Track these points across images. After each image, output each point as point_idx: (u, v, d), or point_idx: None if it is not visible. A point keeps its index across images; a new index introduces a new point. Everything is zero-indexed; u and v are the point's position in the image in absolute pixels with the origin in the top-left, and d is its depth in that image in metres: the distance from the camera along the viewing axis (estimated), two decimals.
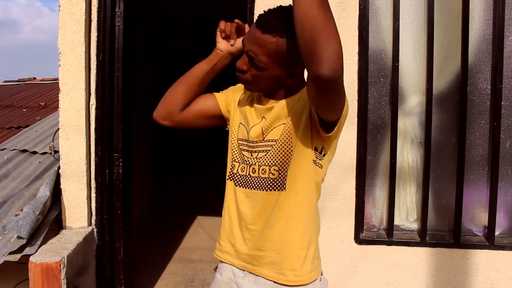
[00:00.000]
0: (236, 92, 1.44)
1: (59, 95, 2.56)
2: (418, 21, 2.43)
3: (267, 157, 1.23)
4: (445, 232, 2.48)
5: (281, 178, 1.22)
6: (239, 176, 1.32)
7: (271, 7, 1.08)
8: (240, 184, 1.31)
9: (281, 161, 1.21)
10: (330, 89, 0.98)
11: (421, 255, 2.43)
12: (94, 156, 2.64)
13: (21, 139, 3.74)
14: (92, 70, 2.60)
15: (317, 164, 1.22)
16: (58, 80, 2.59)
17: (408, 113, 2.47)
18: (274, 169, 1.22)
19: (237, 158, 1.33)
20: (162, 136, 6.95)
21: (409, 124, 2.48)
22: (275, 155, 1.22)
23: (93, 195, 2.65)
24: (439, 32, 2.40)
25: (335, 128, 1.14)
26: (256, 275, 1.27)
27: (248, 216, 1.28)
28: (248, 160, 1.28)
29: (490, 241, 2.40)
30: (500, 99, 2.36)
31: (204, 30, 5.91)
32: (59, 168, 2.63)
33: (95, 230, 2.67)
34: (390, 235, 2.45)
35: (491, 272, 2.39)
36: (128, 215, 3.01)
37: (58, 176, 2.64)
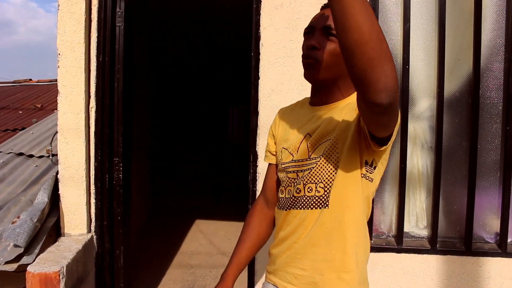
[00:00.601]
0: (273, 127, 1.41)
1: (57, 98, 2.48)
2: (429, 23, 2.38)
3: (311, 175, 1.17)
4: (456, 239, 2.42)
5: (326, 195, 1.15)
6: (284, 200, 1.26)
7: (278, 7, 1.01)
8: (283, 207, 1.26)
9: (326, 178, 1.15)
10: (386, 113, 0.90)
11: (432, 263, 2.36)
12: (93, 160, 2.56)
13: (17, 142, 3.65)
14: (92, 72, 2.53)
15: (367, 178, 1.15)
16: (54, 81, 2.52)
17: (419, 117, 2.41)
18: (320, 187, 1.16)
19: (284, 183, 1.27)
20: (160, 140, 6.88)
21: (419, 128, 2.41)
22: (320, 172, 1.16)
23: (93, 200, 2.57)
24: (450, 34, 2.34)
25: (388, 144, 1.06)
26: None
27: (290, 236, 1.22)
28: (295, 181, 1.22)
29: (502, 249, 2.34)
30: None
31: (204, 31, 5.85)
32: (57, 173, 2.55)
33: (94, 237, 2.59)
34: (399, 242, 2.38)
35: (504, 280, 2.33)
36: (128, 221, 2.93)
37: (56, 181, 2.55)
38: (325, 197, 1.15)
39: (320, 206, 1.16)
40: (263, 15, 2.32)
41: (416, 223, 2.45)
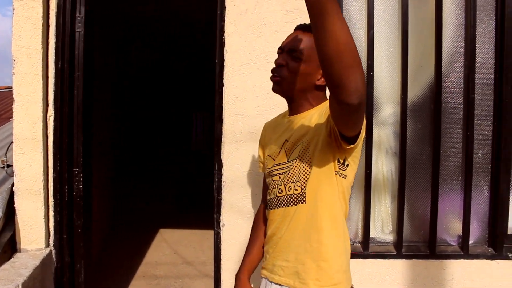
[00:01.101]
0: (261, 140, 1.59)
1: (13, 106, 2.36)
2: (392, 30, 2.41)
3: (290, 175, 1.32)
4: (420, 243, 2.45)
5: (303, 192, 1.29)
6: (270, 201, 1.41)
7: (243, 13, 1.06)
8: (270, 207, 1.41)
9: (302, 176, 1.29)
10: (356, 112, 1.03)
11: (398, 267, 2.38)
12: (52, 171, 2.45)
13: None
14: (50, 79, 2.42)
15: (340, 174, 1.27)
16: (11, 88, 2.39)
17: (383, 123, 2.44)
18: (297, 185, 1.30)
19: (271, 186, 1.41)
20: (123, 147, 6.73)
21: (384, 134, 2.44)
22: (296, 172, 1.30)
23: (51, 213, 2.46)
24: (413, 41, 2.38)
25: (358, 140, 1.18)
26: (281, 285, 1.34)
27: (276, 232, 1.36)
28: (278, 182, 1.36)
29: (464, 251, 2.39)
30: (473, 109, 2.36)
31: (168, 37, 5.77)
32: (12, 185, 2.42)
33: (53, 251, 2.47)
34: (366, 248, 2.39)
35: (466, 282, 2.38)
36: (89, 233, 2.83)
37: (11, 194, 2.42)
38: (302, 194, 1.29)
39: (298, 202, 1.30)
40: (227, 21, 2.29)
41: (382, 228, 2.47)
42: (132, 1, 4.20)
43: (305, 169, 1.28)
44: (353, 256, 2.32)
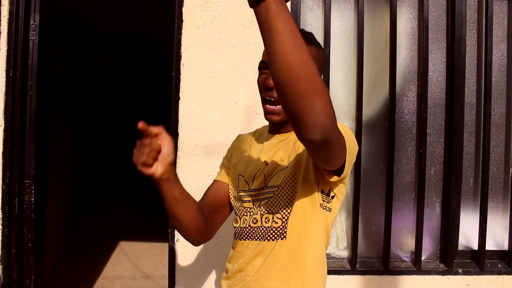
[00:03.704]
0: (231, 150, 1.39)
1: None
2: (348, 48, 2.45)
3: (269, 205, 1.15)
4: (374, 259, 2.48)
5: (284, 225, 1.13)
6: (239, 229, 1.22)
7: (200, 27, 0.97)
8: (239, 237, 1.22)
9: (284, 208, 1.13)
10: (323, 149, 0.88)
11: (352, 283, 2.39)
12: (1, 183, 2.36)
13: None
14: (0, 88, 2.34)
15: (324, 207, 1.13)
16: None
17: None
18: (277, 217, 1.13)
19: (240, 212, 1.24)
20: (82, 159, 6.59)
21: None
22: (277, 202, 1.14)
23: None
24: (368, 60, 2.42)
25: (342, 175, 1.04)
26: None
27: (244, 268, 1.17)
28: (251, 210, 1.19)
29: (417, 267, 2.43)
30: (425, 127, 2.41)
31: (131, 48, 5.70)
32: None
33: (0, 267, 2.37)
34: None
35: None
36: (42, 247, 2.73)
37: None
38: (283, 228, 1.12)
39: (277, 237, 1.12)
40: (184, 35, 2.28)
41: (337, 244, 2.49)
42: (92, 10, 4.13)
43: (289, 199, 1.12)
44: None
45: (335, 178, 1.05)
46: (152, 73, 6.80)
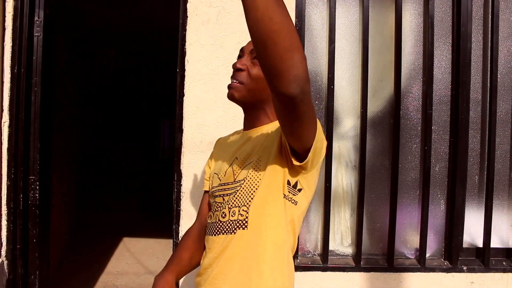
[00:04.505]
0: (211, 155, 1.43)
1: None
2: (353, 45, 2.44)
3: (235, 198, 1.16)
4: (379, 256, 2.47)
5: (247, 216, 1.13)
6: (211, 225, 1.22)
7: (205, 23, 1.00)
8: (210, 232, 1.22)
9: (249, 200, 1.13)
10: (299, 105, 0.89)
11: (356, 280, 2.39)
12: (6, 179, 2.37)
13: None
14: (5, 84, 2.35)
15: (289, 199, 1.12)
16: None
17: (343, 136, 2.46)
18: (243, 210, 1.13)
19: (213, 208, 1.24)
20: (87, 154, 6.59)
21: (344, 147, 2.46)
22: (243, 194, 1.14)
23: (4, 223, 2.37)
24: (373, 56, 2.41)
25: (308, 157, 1.04)
26: None
27: (213, 263, 1.18)
28: (221, 205, 1.20)
29: (421, 264, 2.42)
30: (430, 124, 2.40)
31: (135, 43, 5.71)
32: None
33: (5, 262, 2.38)
34: (325, 261, 2.40)
35: None
36: (46, 243, 2.74)
37: None
38: (245, 219, 1.12)
39: (241, 228, 1.13)
40: (189, 31, 2.27)
41: (341, 241, 2.48)
42: (96, 5, 4.13)
43: (253, 191, 1.13)
44: (312, 268, 2.37)
45: (297, 162, 1.06)
46: (156, 69, 6.80)
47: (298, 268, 2.36)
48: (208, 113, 2.26)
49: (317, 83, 2.42)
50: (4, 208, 2.37)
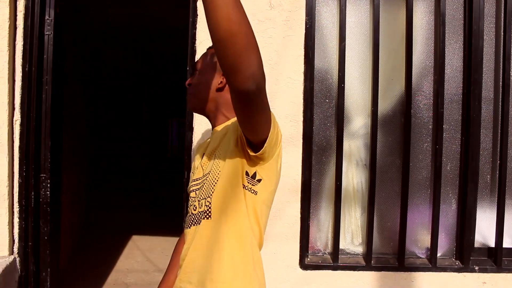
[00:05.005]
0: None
1: None
2: (364, 43, 2.43)
3: (203, 191, 1.22)
4: (389, 255, 2.46)
5: (209, 206, 1.20)
6: (187, 218, 1.30)
7: None
8: (186, 226, 1.30)
9: (211, 191, 1.20)
10: (254, 99, 0.95)
11: (367, 279, 2.38)
12: (18, 177, 2.39)
13: None
14: (16, 82, 2.36)
15: (248, 189, 1.16)
16: None
17: (354, 135, 2.45)
18: (208, 201, 1.20)
19: (189, 203, 1.31)
20: (96, 152, 6.63)
21: (354, 146, 2.45)
22: (208, 186, 1.21)
23: (16, 220, 2.39)
24: (384, 54, 2.40)
25: (264, 147, 1.09)
26: None
27: (186, 253, 1.25)
28: (193, 199, 1.28)
29: (432, 263, 2.40)
30: (441, 123, 2.38)
31: (142, 43, 5.72)
32: None
33: (17, 259, 2.40)
34: (335, 260, 2.39)
35: None
36: (57, 240, 2.76)
37: None
38: (209, 209, 1.19)
39: (205, 217, 1.20)
40: (199, 29, 2.27)
41: (352, 240, 2.47)
42: (104, 4, 4.15)
43: (215, 182, 1.19)
44: (322, 267, 2.36)
45: (256, 154, 1.10)
46: (164, 68, 6.81)
47: (308, 266, 2.36)
48: None
49: (328, 81, 2.41)
50: (16, 205, 2.39)
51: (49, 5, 2.47)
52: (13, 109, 2.36)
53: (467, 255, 2.40)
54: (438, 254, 2.44)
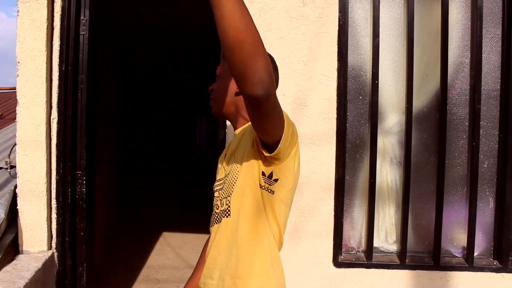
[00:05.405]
0: None
1: (17, 108, 2.36)
2: (398, 39, 2.39)
3: (223, 190, 1.28)
4: (424, 254, 2.43)
5: (229, 205, 1.25)
6: (211, 218, 1.35)
7: None
8: (211, 225, 1.35)
9: (231, 190, 1.24)
10: (263, 105, 0.97)
11: (401, 278, 2.36)
12: (55, 174, 2.45)
13: None
14: (54, 82, 2.42)
15: (265, 189, 1.19)
16: (14, 89, 2.39)
17: (388, 132, 2.42)
18: (228, 200, 1.25)
19: (214, 202, 1.36)
20: (126, 150, 6.72)
21: (388, 143, 2.42)
22: (228, 186, 1.26)
23: (54, 216, 2.45)
24: (418, 50, 2.36)
25: (278, 148, 1.10)
26: None
27: (210, 250, 1.31)
28: (216, 199, 1.33)
29: (469, 263, 2.36)
30: (478, 119, 2.33)
31: (171, 41, 5.77)
32: (15, 187, 2.42)
33: (55, 254, 2.47)
34: (369, 258, 2.37)
35: None
36: (91, 236, 2.81)
37: (14, 196, 2.42)
38: (229, 208, 1.24)
39: (225, 216, 1.25)
40: None
41: (386, 238, 2.45)
42: (136, 3, 4.20)
43: (234, 182, 1.24)
44: (355, 265, 2.35)
45: (270, 154, 1.12)
46: (192, 66, 6.86)
47: (342, 264, 2.34)
48: None
49: (361, 78, 2.39)
50: (53, 201, 2.45)
51: (84, 5, 2.51)
52: (51, 107, 2.42)
53: (505, 255, 2.35)
54: (475, 254, 2.40)
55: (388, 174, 2.42)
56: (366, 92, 2.38)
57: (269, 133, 1.08)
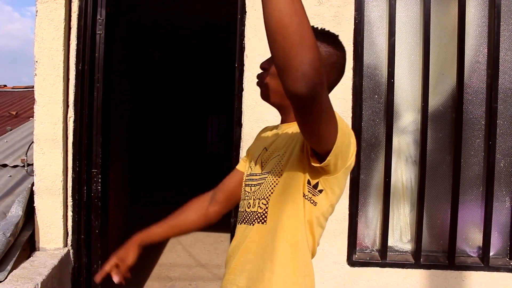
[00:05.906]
0: (254, 141, 1.39)
1: (34, 106, 2.39)
2: (414, 37, 2.39)
3: (260, 190, 1.15)
4: (439, 253, 2.42)
5: (266, 211, 1.12)
6: (239, 213, 1.24)
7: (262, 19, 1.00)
8: (239, 221, 1.23)
9: (269, 194, 1.12)
10: (310, 108, 0.84)
11: (416, 277, 2.35)
12: (71, 172, 2.47)
13: None
14: (70, 81, 2.44)
15: (308, 199, 1.07)
16: (30, 88, 2.44)
17: (403, 131, 2.41)
18: (262, 203, 1.12)
19: (242, 197, 1.25)
20: (138, 149, 6.76)
21: (404, 142, 2.41)
22: (266, 187, 1.13)
23: (70, 213, 2.48)
24: (434, 49, 2.35)
25: (328, 159, 0.98)
26: None
27: (235, 251, 1.19)
28: (248, 195, 1.20)
29: (485, 263, 2.35)
30: (495, 118, 2.32)
31: (185, 40, 5.80)
32: (32, 184, 2.45)
33: (71, 251, 2.49)
34: (383, 257, 2.36)
35: None
36: (106, 234, 2.84)
37: (31, 193, 2.45)
38: (264, 213, 1.11)
39: (260, 221, 1.12)
40: (248, 26, 2.29)
41: (400, 237, 2.44)
42: (151, 2, 4.23)
43: (274, 185, 1.11)
44: (370, 264, 2.34)
45: (316, 163, 1.01)
46: (204, 65, 6.87)
47: (356, 263, 2.34)
48: (267, 108, 2.23)
49: (377, 77, 2.38)
50: (69, 199, 2.48)
51: (100, 5, 2.54)
52: (67, 106, 2.44)
53: None
54: (491, 253, 2.38)
55: (403, 173, 2.42)
56: (381, 91, 2.38)
57: (318, 140, 0.95)
